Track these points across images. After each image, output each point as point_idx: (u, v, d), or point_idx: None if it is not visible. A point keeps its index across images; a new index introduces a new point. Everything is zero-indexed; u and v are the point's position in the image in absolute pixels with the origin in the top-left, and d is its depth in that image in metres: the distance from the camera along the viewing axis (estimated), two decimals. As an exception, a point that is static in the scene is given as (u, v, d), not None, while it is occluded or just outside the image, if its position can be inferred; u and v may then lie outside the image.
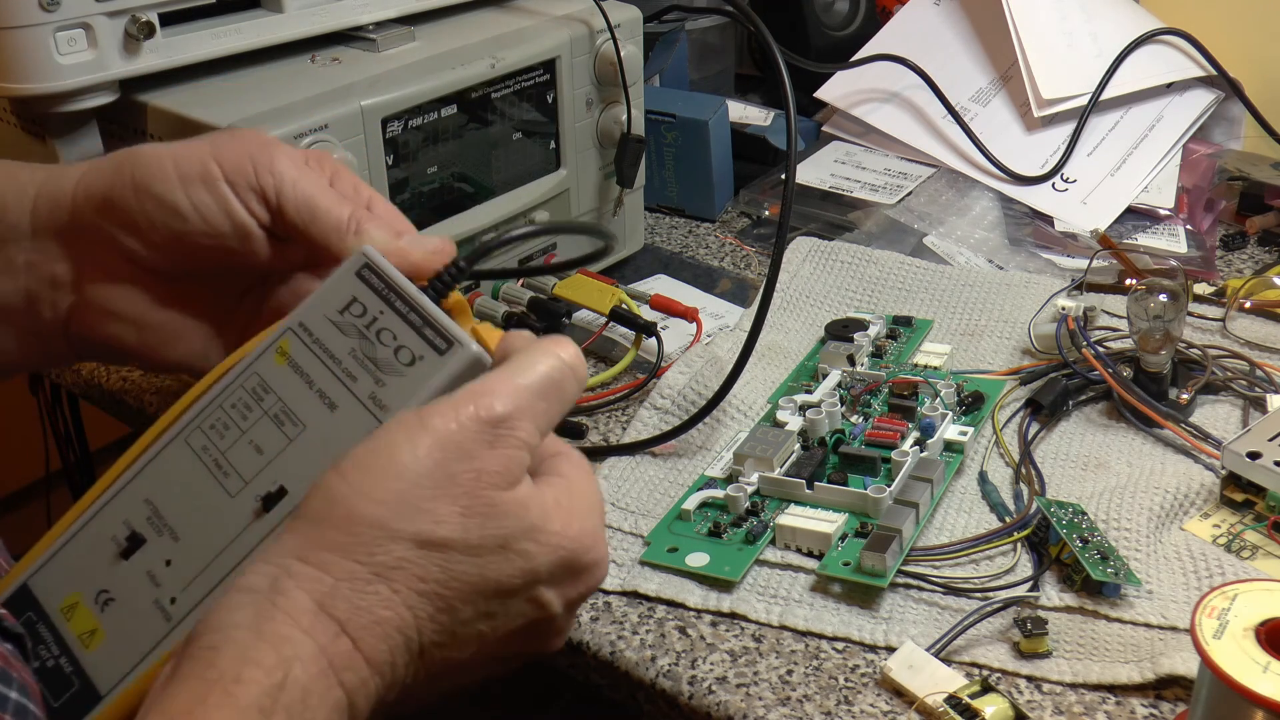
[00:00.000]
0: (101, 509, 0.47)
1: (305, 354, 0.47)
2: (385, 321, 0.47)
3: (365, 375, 0.46)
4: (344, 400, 0.46)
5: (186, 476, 0.47)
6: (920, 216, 1.04)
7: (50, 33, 0.70)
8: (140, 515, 0.47)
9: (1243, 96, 1.13)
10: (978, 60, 1.16)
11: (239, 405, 0.47)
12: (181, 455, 0.47)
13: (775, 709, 0.60)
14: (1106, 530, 0.68)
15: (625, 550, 0.71)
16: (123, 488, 0.47)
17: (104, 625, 0.45)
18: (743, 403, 0.81)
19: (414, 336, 0.46)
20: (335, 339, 0.47)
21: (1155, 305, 0.78)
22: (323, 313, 0.48)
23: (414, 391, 0.45)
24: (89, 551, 0.47)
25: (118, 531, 0.47)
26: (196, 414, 0.48)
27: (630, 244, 1.02)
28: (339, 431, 0.45)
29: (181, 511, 0.46)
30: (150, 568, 0.46)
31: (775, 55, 0.79)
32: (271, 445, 0.46)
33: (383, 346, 0.46)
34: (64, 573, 0.47)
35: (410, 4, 0.87)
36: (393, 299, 0.47)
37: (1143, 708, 0.60)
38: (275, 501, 0.45)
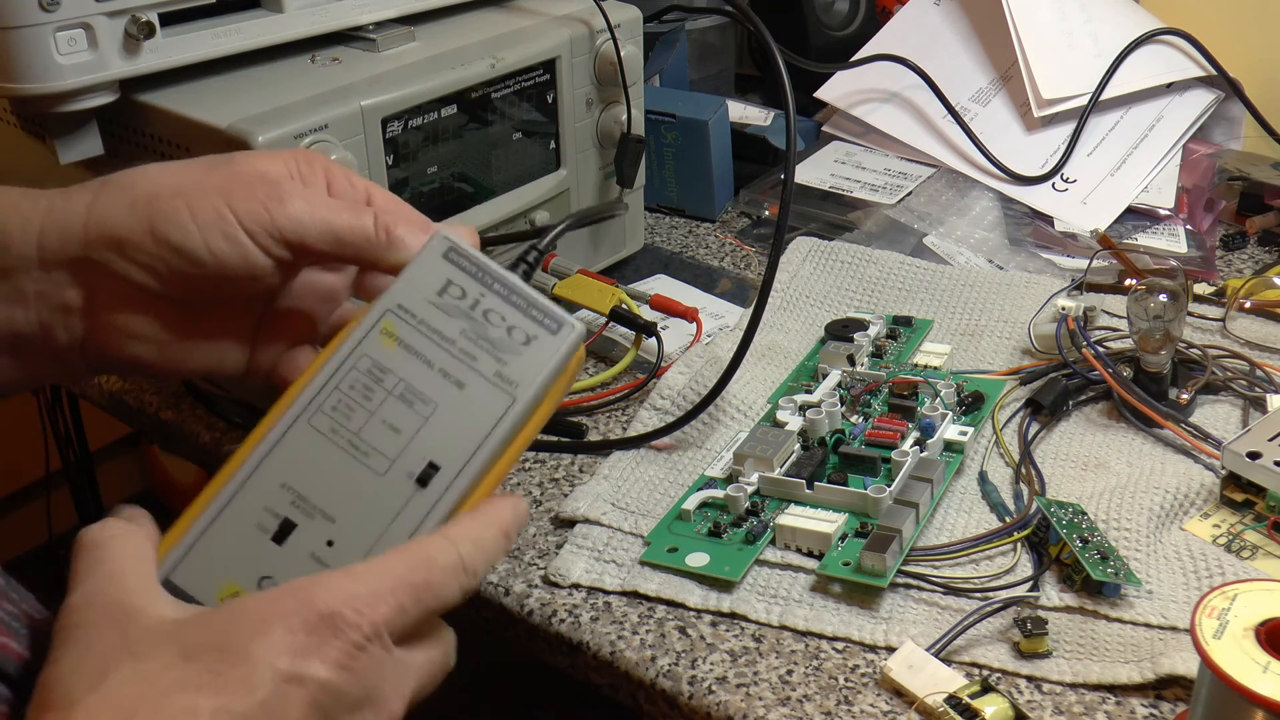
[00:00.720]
0: (232, 499, 0.48)
1: (415, 335, 0.50)
2: (489, 304, 0.50)
3: (484, 355, 0.49)
4: (469, 379, 0.49)
5: (323, 459, 0.48)
6: (920, 216, 1.04)
7: (50, 33, 0.70)
8: (282, 500, 0.48)
9: (1243, 96, 1.13)
10: (978, 60, 1.16)
11: (359, 387, 0.49)
12: (310, 439, 0.49)
13: (775, 709, 0.60)
14: (1106, 530, 0.68)
15: (625, 550, 0.71)
16: (249, 476, 0.48)
17: None
18: (743, 402, 0.82)
19: (523, 318, 0.50)
20: (442, 320, 0.50)
21: (1155, 305, 0.78)
22: (421, 295, 0.50)
23: (538, 369, 0.49)
24: (234, 542, 0.47)
25: (262, 519, 0.48)
26: (312, 398, 0.49)
27: (630, 244, 1.02)
28: (473, 408, 0.49)
29: (328, 493, 0.48)
30: (312, 549, 0.47)
31: (775, 55, 0.79)
32: (407, 424, 0.48)
33: (493, 327, 0.50)
34: (210, 563, 0.47)
35: (410, 4, 0.87)
36: (490, 282, 0.50)
37: (1143, 708, 0.60)
38: (430, 476, 0.48)
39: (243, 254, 0.53)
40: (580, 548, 0.71)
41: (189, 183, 0.53)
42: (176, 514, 0.49)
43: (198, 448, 0.84)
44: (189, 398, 0.86)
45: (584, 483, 0.76)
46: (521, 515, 0.50)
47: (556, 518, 0.74)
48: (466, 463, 0.48)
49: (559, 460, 0.80)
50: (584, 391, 0.85)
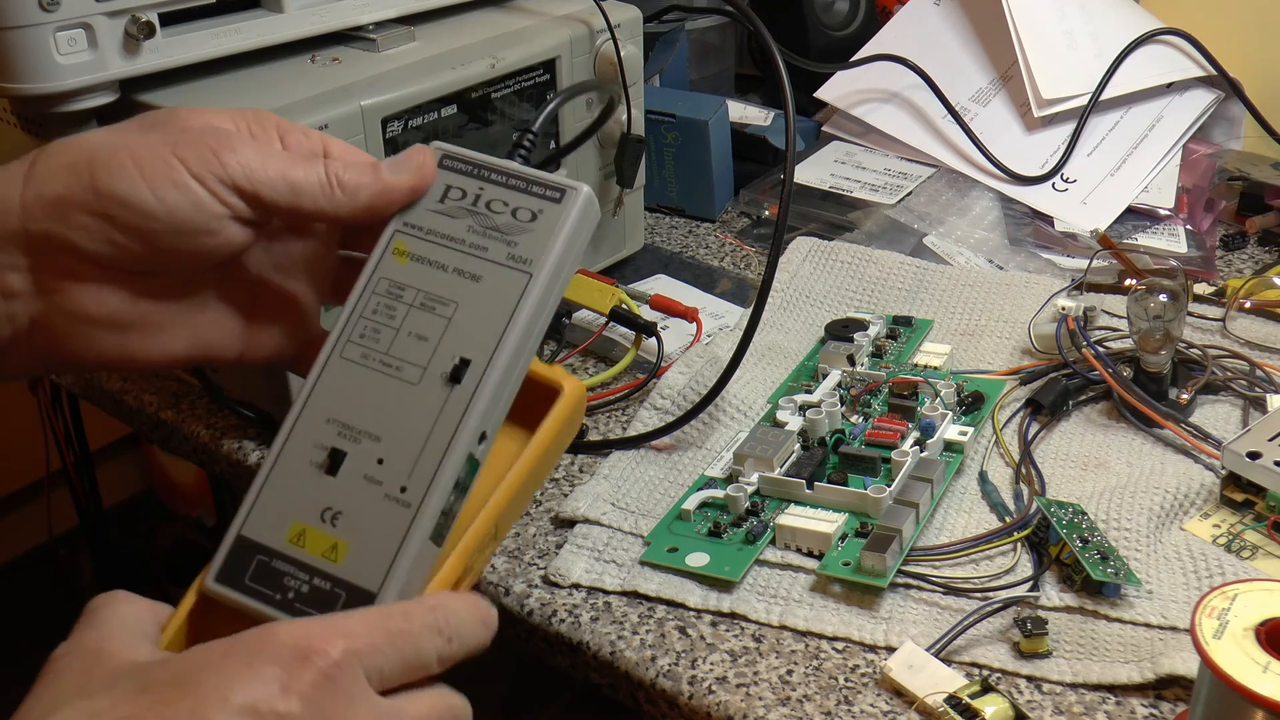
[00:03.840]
0: (285, 444, 0.48)
1: (425, 246, 0.50)
2: (490, 194, 0.50)
3: (494, 243, 0.49)
4: (484, 270, 0.49)
5: (359, 386, 0.49)
6: (920, 216, 1.04)
7: (50, 33, 0.70)
8: (330, 434, 0.48)
9: (1243, 96, 1.13)
10: (978, 60, 1.16)
11: (381, 310, 0.49)
12: (344, 370, 0.49)
13: (775, 709, 0.60)
14: (1106, 530, 0.68)
15: (625, 550, 0.71)
16: (296, 420, 0.49)
17: (342, 536, 0.47)
18: (743, 402, 0.82)
19: (525, 197, 0.50)
20: (448, 224, 0.50)
21: (1155, 305, 0.78)
22: (424, 207, 0.50)
23: (549, 238, 0.49)
24: (292, 484, 0.48)
25: (313, 456, 0.48)
26: (340, 333, 0.49)
27: (630, 244, 1.02)
28: (492, 295, 0.49)
29: (370, 416, 0.48)
30: (365, 472, 0.47)
31: (775, 55, 0.79)
32: (432, 330, 0.49)
33: (498, 215, 0.50)
34: (275, 512, 0.48)
35: (410, 4, 0.87)
36: (487, 174, 0.50)
37: (1143, 708, 0.60)
38: (463, 371, 0.48)
39: (194, 201, 0.49)
40: (580, 548, 0.71)
41: (132, 138, 0.50)
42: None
43: (198, 448, 0.84)
44: (188, 398, 0.86)
45: (584, 483, 0.76)
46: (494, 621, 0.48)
47: (556, 518, 0.74)
48: (496, 348, 0.48)
49: (559, 460, 0.80)
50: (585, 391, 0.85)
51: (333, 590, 0.46)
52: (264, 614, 0.46)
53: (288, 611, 0.46)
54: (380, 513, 0.47)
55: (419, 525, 0.46)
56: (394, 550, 0.46)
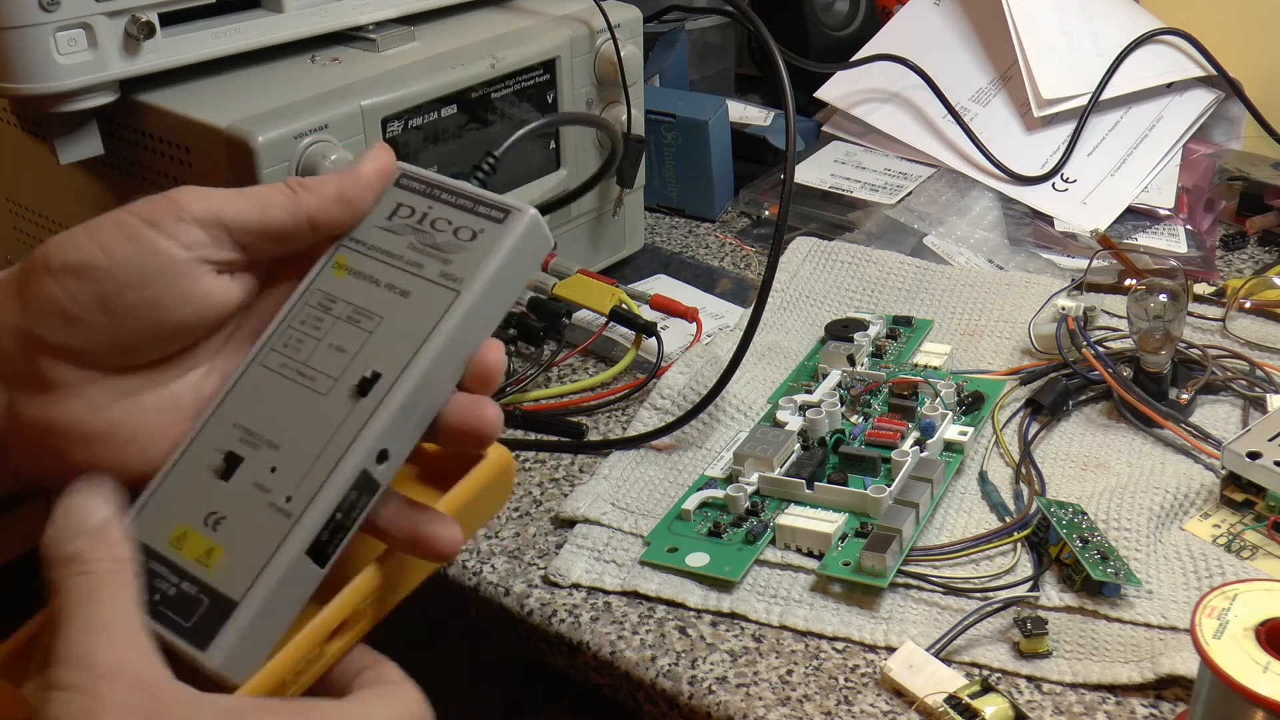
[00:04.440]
0: (188, 446, 0.47)
1: (364, 261, 0.49)
2: (437, 213, 0.49)
3: (430, 260, 0.48)
4: (414, 286, 0.48)
5: (271, 393, 0.47)
6: (920, 216, 1.04)
7: (50, 33, 0.70)
8: (232, 439, 0.47)
9: (1243, 96, 1.13)
10: (978, 60, 1.16)
11: (309, 320, 0.48)
12: (260, 377, 0.48)
13: (775, 709, 0.60)
14: (1106, 530, 0.68)
15: (625, 550, 0.71)
16: (205, 422, 0.48)
17: (219, 542, 0.46)
18: (742, 402, 0.82)
19: (469, 216, 0.48)
20: (390, 240, 0.49)
21: (1155, 305, 0.78)
22: (372, 224, 0.49)
23: (483, 258, 0.47)
24: (185, 486, 0.47)
25: (211, 460, 0.47)
26: (265, 341, 0.48)
27: (630, 244, 1.02)
28: (416, 311, 0.47)
29: (274, 424, 0.47)
30: (255, 479, 0.46)
31: (775, 55, 0.79)
32: (352, 342, 0.47)
33: (440, 233, 0.48)
34: (164, 511, 0.47)
35: (410, 4, 0.87)
36: (438, 194, 0.49)
37: (1143, 708, 0.60)
38: (370, 385, 0.46)
39: (150, 248, 0.45)
40: (580, 548, 0.71)
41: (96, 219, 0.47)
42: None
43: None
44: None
45: (584, 483, 0.76)
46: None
47: (556, 518, 0.74)
48: (408, 364, 0.46)
49: (559, 460, 0.80)
50: (584, 391, 0.85)
51: (197, 596, 0.45)
52: None
53: (152, 614, 0.44)
54: (261, 521, 0.45)
55: (295, 536, 0.44)
56: (265, 560, 0.44)
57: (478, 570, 0.70)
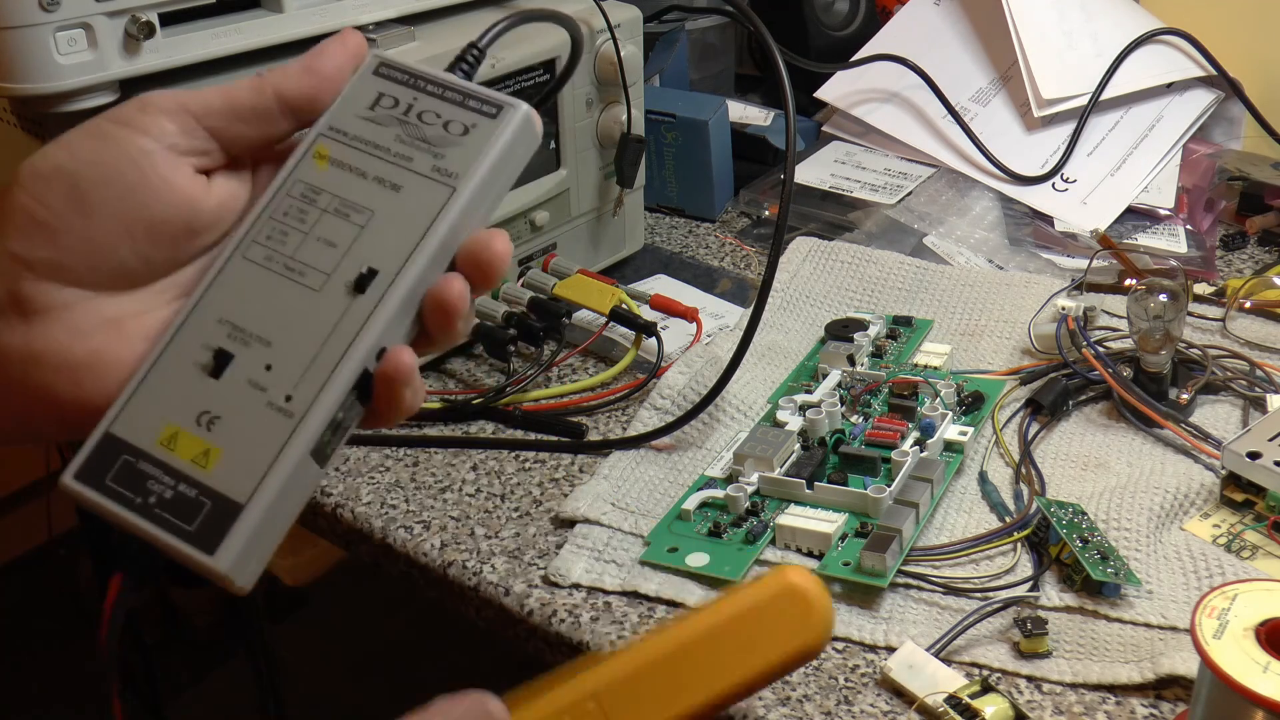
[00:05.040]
0: (170, 342, 0.46)
1: (348, 151, 0.47)
2: (423, 105, 0.47)
3: (419, 154, 0.47)
4: (406, 180, 0.46)
5: (258, 288, 0.46)
6: (920, 216, 1.04)
7: (50, 33, 0.70)
8: (219, 334, 0.46)
9: (1243, 96, 1.13)
10: (978, 60, 1.16)
11: (292, 212, 0.47)
12: (244, 270, 0.46)
13: (775, 709, 0.60)
14: (1106, 530, 0.68)
15: (625, 550, 0.71)
16: (187, 318, 0.46)
17: (216, 442, 0.44)
18: (742, 402, 0.82)
19: (459, 110, 0.47)
20: (375, 131, 0.47)
21: (1155, 305, 0.78)
22: (351, 113, 0.48)
23: (479, 154, 0.46)
24: (171, 383, 0.45)
25: (198, 356, 0.45)
26: (246, 230, 0.47)
27: (630, 244, 1.02)
28: (410, 206, 0.46)
29: (265, 319, 0.46)
30: (249, 376, 0.45)
31: (775, 55, 0.79)
32: (343, 237, 0.46)
33: (429, 126, 0.47)
34: (148, 410, 0.45)
35: (410, 4, 0.87)
36: (423, 85, 0.48)
37: (1143, 708, 0.60)
38: (368, 281, 0.45)
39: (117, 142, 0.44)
40: (580, 548, 0.71)
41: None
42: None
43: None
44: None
45: (584, 483, 0.76)
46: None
47: (556, 518, 0.74)
48: (406, 261, 0.45)
49: (559, 460, 0.80)
50: (584, 391, 0.85)
51: (198, 498, 0.43)
52: (121, 517, 0.44)
53: (146, 517, 0.43)
54: (260, 421, 0.44)
55: (299, 437, 0.44)
56: (269, 461, 0.43)
57: (478, 570, 0.70)
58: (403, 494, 0.77)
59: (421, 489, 0.77)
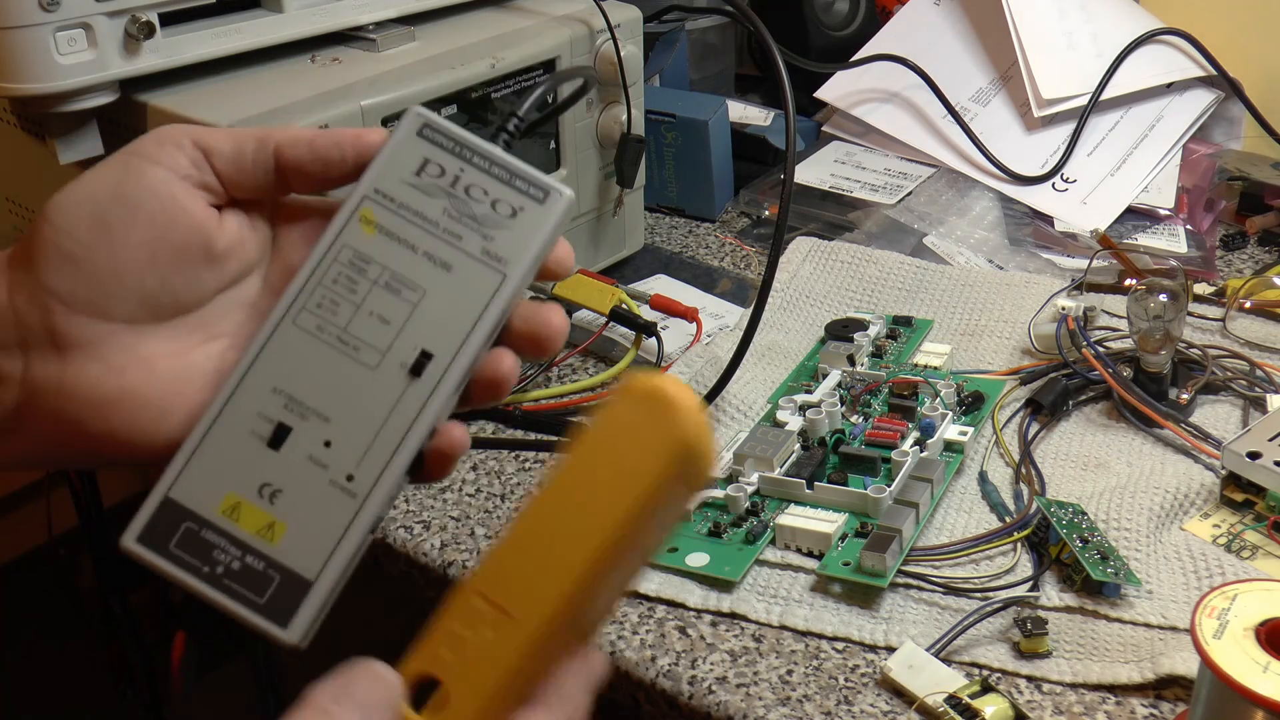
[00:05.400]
0: (224, 408, 0.46)
1: (394, 220, 0.48)
2: (470, 178, 0.48)
3: (469, 232, 0.47)
4: (456, 260, 0.47)
5: (312, 359, 0.47)
6: (920, 216, 1.04)
7: (50, 33, 0.70)
8: (275, 404, 0.46)
9: (1243, 96, 1.13)
10: (978, 60, 1.16)
11: (342, 280, 0.47)
12: (297, 339, 0.47)
13: (775, 709, 0.60)
14: (1106, 530, 0.68)
15: (625, 550, 0.71)
16: (239, 383, 0.47)
17: (280, 517, 0.45)
18: (742, 402, 0.82)
19: (507, 190, 0.48)
20: (422, 201, 0.48)
21: (1155, 305, 0.78)
22: (398, 177, 0.48)
23: (528, 240, 0.47)
24: (228, 451, 0.46)
25: (255, 425, 0.46)
26: (296, 294, 0.47)
27: (630, 244, 1.02)
28: (462, 289, 0.47)
29: (321, 393, 0.46)
30: (309, 452, 0.46)
31: (775, 55, 0.79)
32: (395, 314, 0.47)
33: (477, 203, 0.48)
34: (208, 477, 0.46)
35: (410, 4, 0.87)
36: (469, 155, 0.48)
37: (1143, 708, 0.60)
38: (424, 365, 0.46)
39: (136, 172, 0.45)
40: (580, 548, 0.71)
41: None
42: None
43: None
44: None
45: (584, 483, 0.76)
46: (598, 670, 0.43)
47: (556, 518, 0.74)
48: (461, 346, 0.46)
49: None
50: (584, 391, 0.85)
51: (266, 571, 0.45)
52: (190, 584, 0.44)
53: (216, 586, 0.44)
54: (323, 498, 0.45)
55: (363, 517, 0.45)
56: (335, 539, 0.45)
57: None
58: (402, 494, 0.77)
59: (421, 489, 0.77)
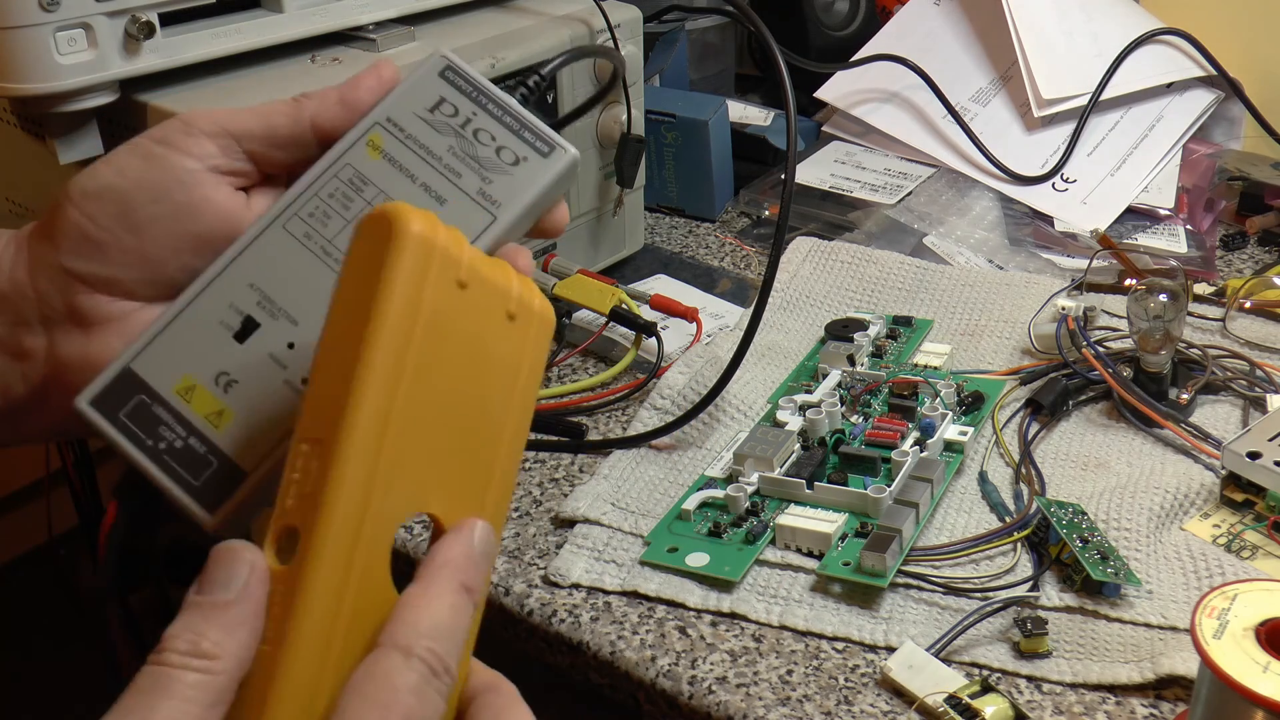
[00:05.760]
0: (200, 293, 0.47)
1: (400, 149, 0.49)
2: (480, 122, 0.49)
3: (469, 172, 0.48)
4: (451, 194, 0.48)
5: (293, 263, 0.47)
6: (920, 216, 1.04)
7: (50, 33, 0.70)
8: (249, 299, 0.47)
9: (1243, 96, 1.13)
10: (978, 60, 1.16)
11: (338, 195, 0.48)
12: (283, 241, 0.48)
13: (775, 709, 0.60)
14: (1106, 530, 0.68)
15: (625, 550, 0.71)
16: (221, 272, 0.47)
17: (230, 405, 0.46)
18: (742, 402, 0.82)
19: (514, 139, 0.49)
20: (430, 136, 0.49)
21: (1155, 305, 0.78)
22: (411, 110, 0.49)
23: (524, 189, 0.48)
24: (196, 335, 0.47)
25: (225, 316, 0.47)
26: (290, 201, 0.48)
27: (630, 244, 1.02)
28: (451, 222, 0.47)
29: (295, 296, 0.47)
30: (271, 350, 0.46)
31: (775, 55, 0.79)
32: None
33: (482, 146, 0.49)
34: (170, 356, 0.47)
35: (410, 4, 0.87)
36: (484, 101, 0.49)
37: (1143, 708, 0.60)
38: None
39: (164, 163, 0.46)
40: (580, 548, 0.71)
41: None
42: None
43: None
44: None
45: (584, 483, 0.76)
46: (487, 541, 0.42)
47: (556, 518, 0.74)
48: None
49: (559, 460, 0.80)
50: (584, 391, 0.85)
51: (205, 455, 0.45)
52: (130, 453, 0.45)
53: (155, 461, 0.45)
54: (276, 397, 0.46)
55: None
56: (277, 438, 0.45)
57: (478, 570, 0.70)
58: (403, 494, 0.77)
59: (421, 489, 0.77)
